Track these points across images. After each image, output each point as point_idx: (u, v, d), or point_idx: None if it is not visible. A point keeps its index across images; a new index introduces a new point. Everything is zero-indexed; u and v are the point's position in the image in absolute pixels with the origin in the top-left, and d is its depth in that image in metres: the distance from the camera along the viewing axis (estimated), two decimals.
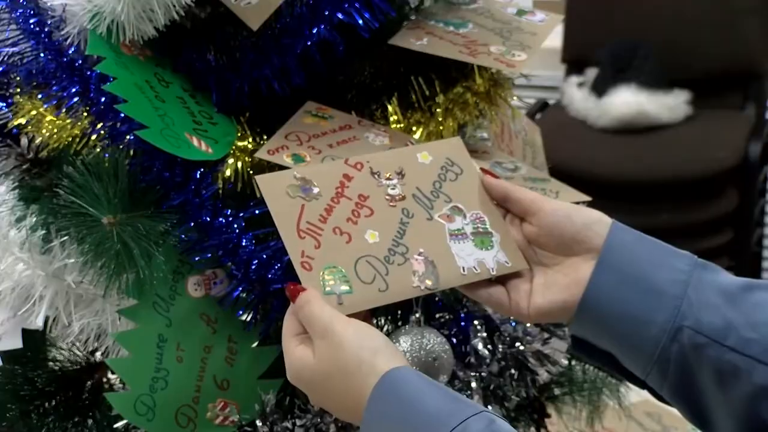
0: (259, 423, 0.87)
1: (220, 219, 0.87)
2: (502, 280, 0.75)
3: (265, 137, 0.92)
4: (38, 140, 0.92)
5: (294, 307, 0.69)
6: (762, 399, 0.65)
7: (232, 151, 0.89)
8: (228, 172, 0.89)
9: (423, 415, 0.62)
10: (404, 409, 0.63)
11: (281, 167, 0.86)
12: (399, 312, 0.94)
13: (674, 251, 0.70)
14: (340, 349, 0.66)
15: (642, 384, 0.72)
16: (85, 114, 0.90)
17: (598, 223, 0.72)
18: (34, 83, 0.94)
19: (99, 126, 0.88)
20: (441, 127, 0.94)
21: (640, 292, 0.68)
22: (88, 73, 0.89)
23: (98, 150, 0.88)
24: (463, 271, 0.73)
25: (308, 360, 0.67)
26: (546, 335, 0.95)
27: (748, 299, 0.67)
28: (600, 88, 2.77)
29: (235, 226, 0.86)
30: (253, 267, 0.86)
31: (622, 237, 0.71)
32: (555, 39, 2.99)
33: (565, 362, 1.04)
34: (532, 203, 0.74)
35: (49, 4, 0.91)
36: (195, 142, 0.85)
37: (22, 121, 0.92)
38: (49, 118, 0.91)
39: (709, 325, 0.66)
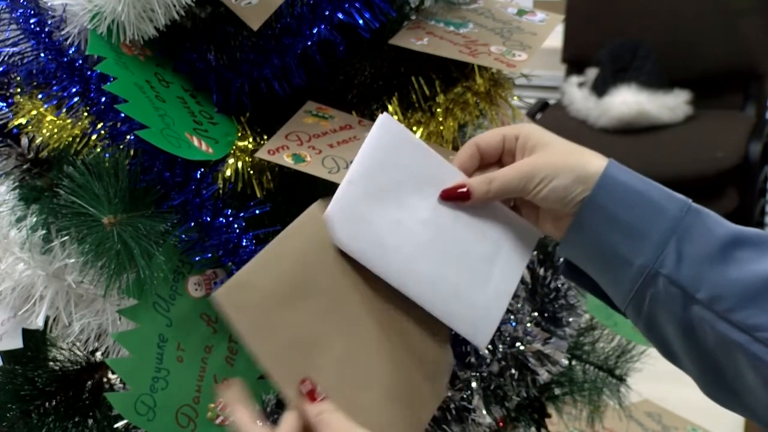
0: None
1: (221, 219, 0.87)
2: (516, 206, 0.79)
3: (265, 137, 0.92)
4: (38, 140, 0.92)
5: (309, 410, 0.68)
6: (725, 351, 0.67)
7: (232, 151, 0.89)
8: (228, 172, 0.89)
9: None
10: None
11: (281, 167, 0.85)
12: None
13: (668, 195, 0.71)
14: None
15: (624, 314, 0.75)
16: (86, 114, 0.90)
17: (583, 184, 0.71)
18: (35, 83, 0.93)
19: (99, 126, 0.88)
20: (441, 127, 0.94)
21: (625, 233, 0.70)
22: (89, 73, 0.89)
23: (98, 150, 0.88)
24: None
25: None
26: (546, 335, 0.95)
27: (730, 256, 0.68)
28: (600, 88, 2.77)
29: (236, 226, 0.86)
30: None
31: (615, 177, 0.71)
32: (555, 39, 3.00)
33: (565, 362, 1.04)
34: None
35: (49, 4, 0.91)
36: (195, 142, 0.85)
37: (23, 121, 0.92)
38: (49, 118, 0.91)
39: (686, 277, 0.68)
